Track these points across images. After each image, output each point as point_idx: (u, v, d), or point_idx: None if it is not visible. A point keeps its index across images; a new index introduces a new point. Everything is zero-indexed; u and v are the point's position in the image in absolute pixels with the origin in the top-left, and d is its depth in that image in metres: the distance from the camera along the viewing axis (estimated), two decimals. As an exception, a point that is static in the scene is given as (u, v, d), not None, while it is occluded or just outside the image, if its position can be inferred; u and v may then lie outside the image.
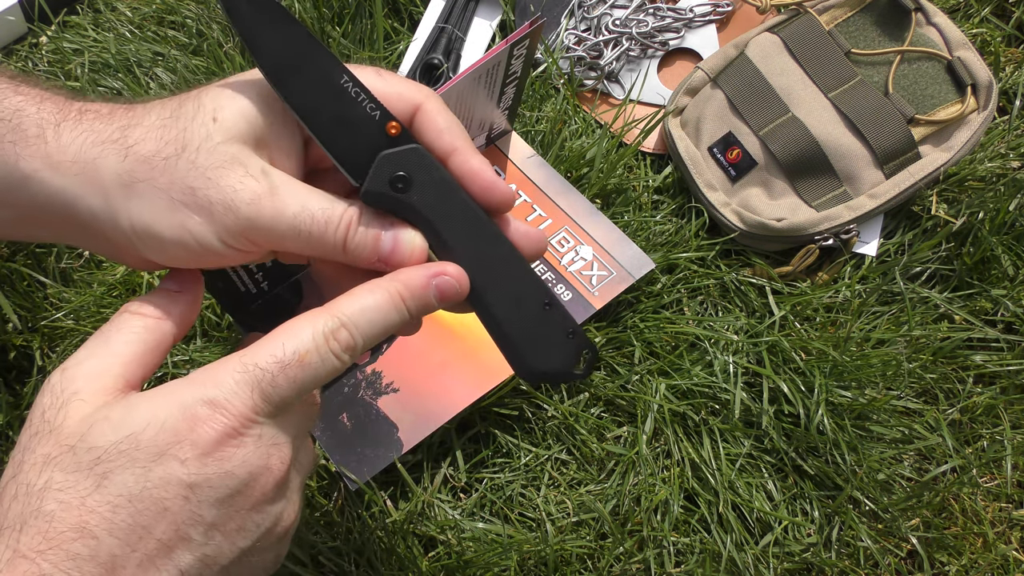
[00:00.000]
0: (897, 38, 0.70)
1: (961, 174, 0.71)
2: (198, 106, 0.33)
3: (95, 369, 0.32)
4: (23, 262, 0.62)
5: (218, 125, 0.33)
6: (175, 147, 0.32)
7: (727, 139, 0.69)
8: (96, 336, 0.33)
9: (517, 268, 0.36)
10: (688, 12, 0.75)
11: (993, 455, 0.62)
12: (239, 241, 0.33)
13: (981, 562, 0.60)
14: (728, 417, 0.62)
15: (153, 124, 0.33)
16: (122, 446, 0.29)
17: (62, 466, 0.29)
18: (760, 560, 0.58)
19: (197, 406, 0.30)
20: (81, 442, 0.30)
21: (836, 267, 0.67)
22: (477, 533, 0.57)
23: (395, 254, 0.35)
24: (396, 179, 0.34)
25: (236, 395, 0.31)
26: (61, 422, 0.30)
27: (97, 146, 0.32)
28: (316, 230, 0.33)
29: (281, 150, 0.35)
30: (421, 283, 0.34)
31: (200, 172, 0.32)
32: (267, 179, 0.33)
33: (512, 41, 0.54)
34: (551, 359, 0.37)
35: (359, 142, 0.34)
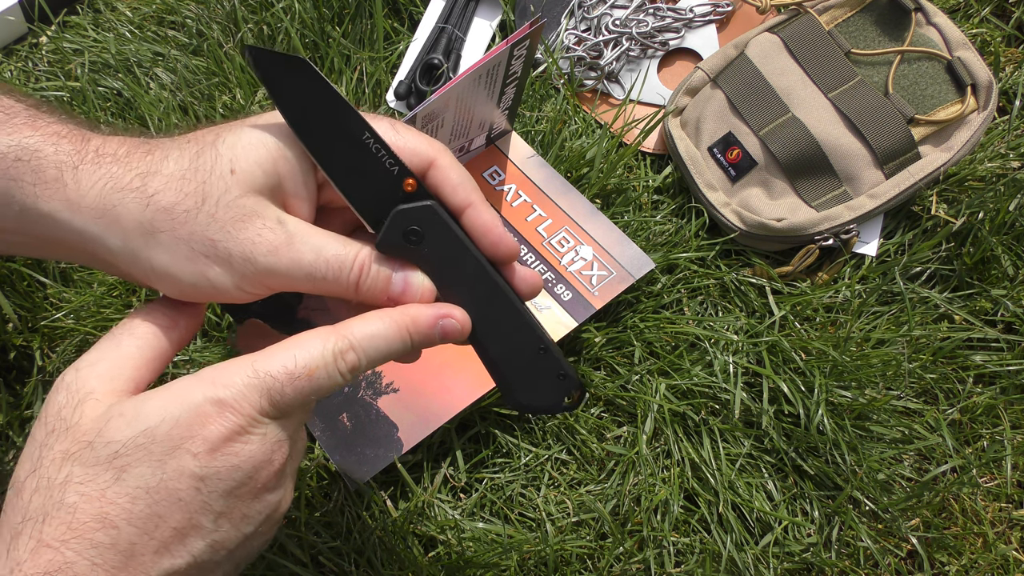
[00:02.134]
0: (897, 38, 0.70)
1: (961, 174, 0.71)
2: (216, 157, 0.34)
3: (107, 370, 0.34)
4: (23, 262, 0.62)
5: (236, 178, 0.34)
6: (195, 200, 0.34)
7: (727, 139, 0.69)
8: (107, 338, 0.35)
9: (517, 318, 0.38)
10: (688, 12, 0.75)
11: (993, 455, 0.62)
12: (255, 287, 0.35)
13: (981, 562, 0.60)
14: (728, 417, 0.62)
15: (172, 174, 0.34)
16: (139, 440, 0.31)
17: (81, 461, 0.31)
18: (760, 560, 0.58)
19: (207, 404, 0.32)
20: (99, 438, 0.31)
21: (836, 267, 0.67)
22: (477, 533, 0.57)
23: (405, 296, 0.37)
24: (410, 232, 0.37)
25: (245, 397, 0.32)
26: (77, 420, 0.32)
27: (117, 192, 0.34)
28: (331, 275, 0.35)
29: (296, 196, 0.36)
30: (428, 321, 0.37)
31: (220, 225, 0.34)
32: (283, 229, 0.35)
33: (512, 41, 0.54)
34: (541, 397, 0.40)
35: (378, 195, 0.37)
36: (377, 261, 0.37)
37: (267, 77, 0.35)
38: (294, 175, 0.36)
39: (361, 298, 0.37)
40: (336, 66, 0.72)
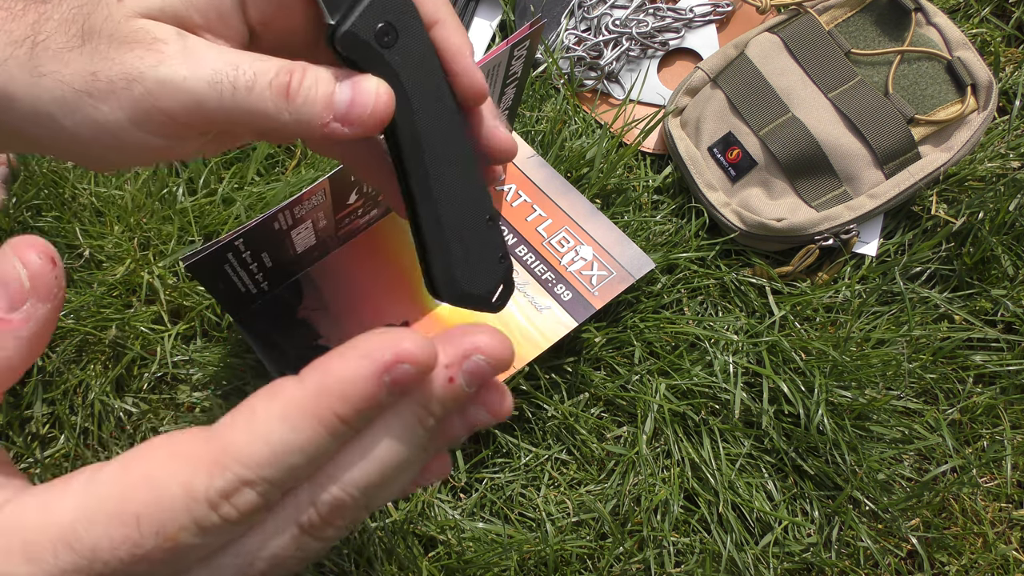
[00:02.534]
0: (897, 38, 0.70)
1: (961, 174, 0.71)
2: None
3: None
4: (23, 262, 0.62)
5: (123, 5, 0.28)
6: (78, 38, 0.28)
7: (727, 139, 0.69)
8: None
9: (472, 175, 0.32)
10: (688, 12, 0.75)
11: (993, 455, 0.62)
12: (155, 121, 0.28)
13: (981, 562, 0.60)
14: (728, 417, 0.62)
15: (63, 17, 0.29)
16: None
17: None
18: (760, 560, 0.58)
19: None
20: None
21: (836, 267, 0.67)
22: (477, 533, 0.57)
23: (355, 107, 0.29)
24: (384, 29, 0.28)
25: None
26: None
27: (9, 47, 0.28)
28: (243, 82, 0.28)
29: (208, 26, 0.29)
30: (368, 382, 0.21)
31: (101, 55, 0.28)
32: (181, 41, 0.28)
33: (512, 42, 0.54)
34: (478, 280, 0.33)
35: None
36: (311, 70, 0.29)
37: None
38: (205, 3, 0.29)
39: (294, 122, 0.29)
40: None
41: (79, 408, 0.61)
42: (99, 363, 0.62)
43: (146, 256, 0.64)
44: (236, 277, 0.54)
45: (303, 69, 0.28)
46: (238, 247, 0.51)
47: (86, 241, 0.63)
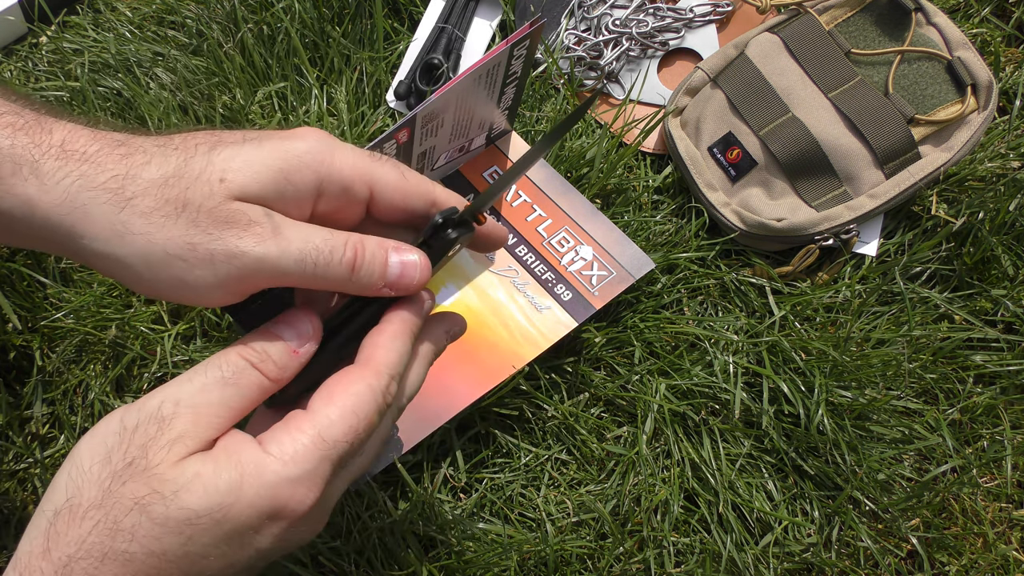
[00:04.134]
0: (897, 38, 0.70)
1: (961, 174, 0.71)
2: (207, 164, 0.33)
3: (204, 415, 0.32)
4: (23, 262, 0.62)
5: (224, 186, 0.32)
6: (175, 206, 0.32)
7: (727, 139, 0.69)
8: (212, 375, 0.33)
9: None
10: (688, 12, 0.75)
11: (993, 455, 0.62)
12: (239, 285, 0.33)
13: (981, 562, 0.60)
14: (728, 417, 0.62)
15: (154, 180, 0.32)
16: (214, 514, 0.31)
17: (152, 515, 0.30)
18: (760, 560, 0.58)
19: (283, 486, 0.32)
20: (175, 497, 0.30)
21: (836, 267, 0.67)
22: (477, 533, 0.57)
23: (403, 277, 0.36)
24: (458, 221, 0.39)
25: (318, 472, 0.32)
26: (158, 463, 0.31)
27: (87, 191, 0.32)
28: (322, 260, 0.34)
29: (289, 214, 0.35)
30: (417, 316, 0.37)
31: (201, 229, 0.32)
32: (270, 221, 0.33)
33: (512, 42, 0.54)
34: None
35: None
36: (370, 242, 0.35)
37: None
38: (290, 195, 0.34)
39: (355, 284, 0.35)
40: (336, 66, 0.72)
41: (79, 408, 0.61)
42: (99, 363, 0.62)
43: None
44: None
45: (363, 245, 0.35)
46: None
47: (86, 241, 0.63)
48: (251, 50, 0.72)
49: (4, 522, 0.58)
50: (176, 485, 0.30)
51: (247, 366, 0.33)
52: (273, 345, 0.34)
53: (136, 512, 0.30)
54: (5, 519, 0.58)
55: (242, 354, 0.33)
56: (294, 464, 0.32)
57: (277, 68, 0.72)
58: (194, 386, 0.32)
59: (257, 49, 0.72)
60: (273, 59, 0.72)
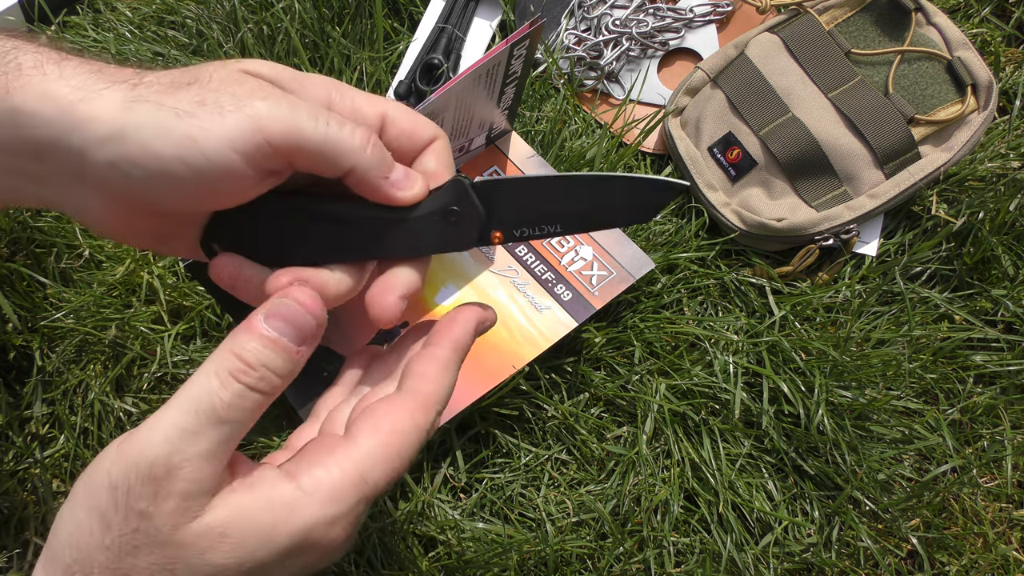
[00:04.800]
0: (897, 38, 0.70)
1: (961, 174, 0.71)
2: (223, 62, 0.32)
3: (207, 467, 0.29)
4: (23, 262, 0.62)
5: (239, 65, 0.32)
6: (188, 80, 0.31)
7: (727, 139, 0.69)
8: (204, 412, 0.29)
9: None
10: (688, 12, 0.75)
11: (993, 455, 0.62)
12: (254, 147, 0.30)
13: (981, 562, 0.60)
14: (728, 417, 0.62)
15: (169, 73, 0.32)
16: (244, 566, 0.29)
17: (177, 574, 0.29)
18: (760, 560, 0.58)
19: (319, 528, 0.30)
20: (201, 558, 0.28)
21: (836, 267, 0.67)
22: (477, 533, 0.57)
23: (408, 178, 0.35)
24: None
25: (355, 513, 0.31)
26: (171, 529, 0.28)
27: (104, 83, 0.30)
28: (335, 124, 0.32)
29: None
30: (469, 337, 0.37)
31: (212, 89, 0.30)
32: (282, 91, 0.32)
33: (512, 41, 0.54)
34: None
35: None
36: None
37: None
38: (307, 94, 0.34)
39: (366, 162, 0.33)
40: (336, 66, 0.73)
41: (79, 408, 0.61)
42: (99, 363, 0.62)
43: (146, 256, 0.64)
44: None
45: (379, 135, 0.35)
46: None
47: (86, 241, 0.63)
48: (251, 50, 0.72)
49: (4, 522, 0.58)
50: (201, 547, 0.28)
51: (245, 391, 0.30)
52: (274, 355, 0.31)
53: (164, 574, 0.28)
54: (5, 519, 0.58)
55: (238, 376, 0.30)
56: (332, 504, 0.30)
57: (277, 68, 0.72)
58: (186, 433, 0.28)
59: (257, 49, 0.72)
60: (273, 59, 0.72)
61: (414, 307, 0.61)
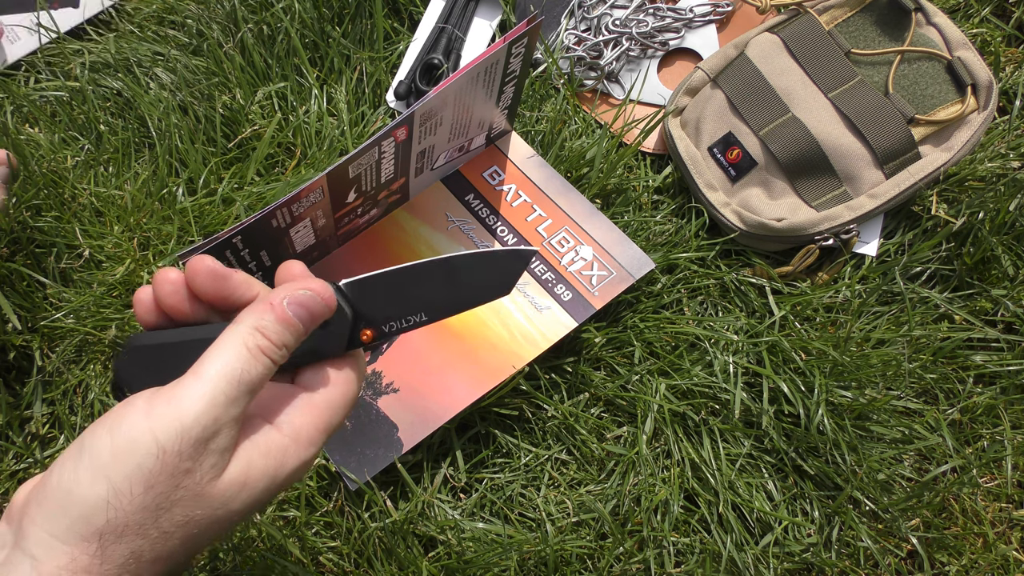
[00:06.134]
0: (897, 38, 0.70)
1: (961, 174, 0.71)
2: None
3: (237, 427, 0.33)
4: (23, 262, 0.62)
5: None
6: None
7: (727, 139, 0.69)
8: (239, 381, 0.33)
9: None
10: (688, 12, 0.75)
11: (993, 455, 0.62)
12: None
13: (981, 562, 0.60)
14: (728, 417, 0.62)
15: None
16: (250, 508, 0.34)
17: (195, 519, 0.32)
18: (760, 560, 0.58)
19: (302, 467, 0.35)
20: (223, 507, 0.33)
21: (836, 267, 0.67)
22: (477, 533, 0.57)
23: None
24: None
25: (321, 444, 0.36)
26: (205, 484, 0.32)
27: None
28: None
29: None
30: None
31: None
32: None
33: (510, 39, 0.54)
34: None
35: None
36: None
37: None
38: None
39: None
40: (336, 66, 0.72)
41: (79, 408, 0.61)
42: (99, 363, 0.62)
43: (146, 256, 0.64)
44: (236, 277, 0.54)
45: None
46: (236, 244, 0.51)
47: (86, 241, 0.63)
48: (251, 50, 0.72)
49: (4, 522, 0.58)
50: (224, 499, 0.32)
51: (270, 364, 0.34)
52: (292, 335, 0.35)
53: (189, 526, 0.32)
54: (5, 519, 0.58)
55: (266, 352, 0.33)
56: (311, 447, 0.35)
57: (277, 68, 0.72)
58: (227, 399, 0.32)
59: (257, 49, 0.72)
60: (273, 59, 0.72)
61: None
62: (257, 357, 0.33)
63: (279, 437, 0.34)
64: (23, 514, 0.31)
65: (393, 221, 0.64)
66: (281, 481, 0.34)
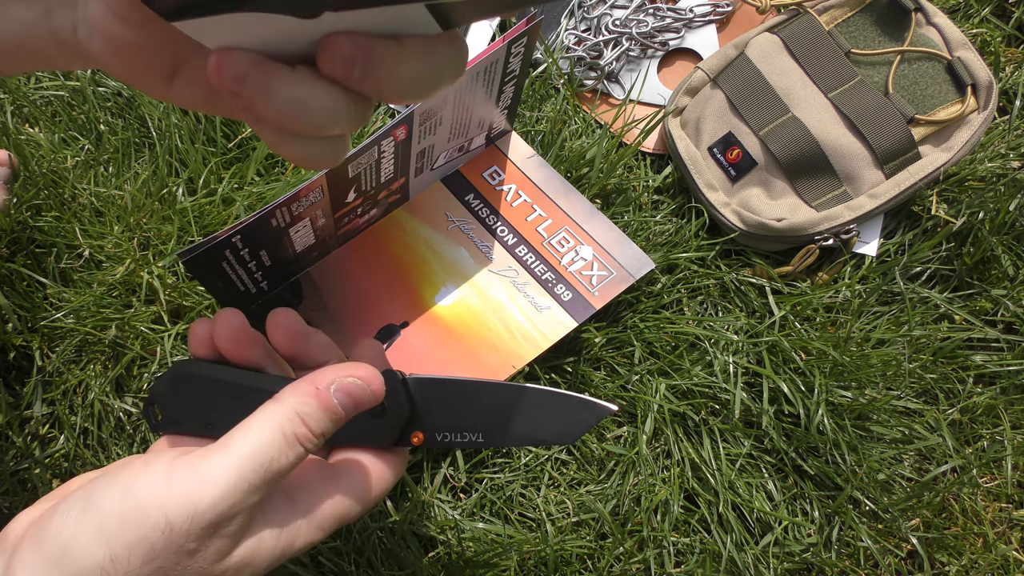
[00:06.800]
0: (897, 38, 0.70)
1: (961, 174, 0.71)
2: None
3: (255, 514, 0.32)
4: (23, 262, 0.62)
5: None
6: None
7: (727, 139, 0.69)
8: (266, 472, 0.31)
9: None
10: (688, 12, 0.75)
11: (993, 455, 0.62)
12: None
13: (981, 562, 0.60)
14: (728, 417, 0.62)
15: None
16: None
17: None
18: (760, 560, 0.58)
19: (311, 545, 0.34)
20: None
21: (836, 267, 0.67)
22: (477, 533, 0.57)
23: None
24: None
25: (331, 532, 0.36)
26: (209, 565, 0.31)
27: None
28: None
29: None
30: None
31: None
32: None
33: (510, 39, 0.54)
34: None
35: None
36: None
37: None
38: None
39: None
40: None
41: (79, 408, 0.61)
42: (99, 363, 0.62)
43: (146, 256, 0.64)
44: (235, 275, 0.54)
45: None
46: (236, 244, 0.51)
47: (86, 241, 0.63)
48: (251, 50, 0.72)
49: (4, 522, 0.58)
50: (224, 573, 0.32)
51: (303, 453, 0.32)
52: (332, 424, 0.33)
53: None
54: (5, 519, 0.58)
55: (302, 441, 0.32)
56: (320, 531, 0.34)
57: (277, 68, 0.72)
58: (250, 488, 0.30)
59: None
60: (273, 59, 0.72)
61: (413, 305, 0.61)
62: (292, 446, 0.31)
63: (294, 516, 0.33)
64: (15, 551, 0.30)
65: (393, 221, 0.64)
66: (284, 559, 0.33)
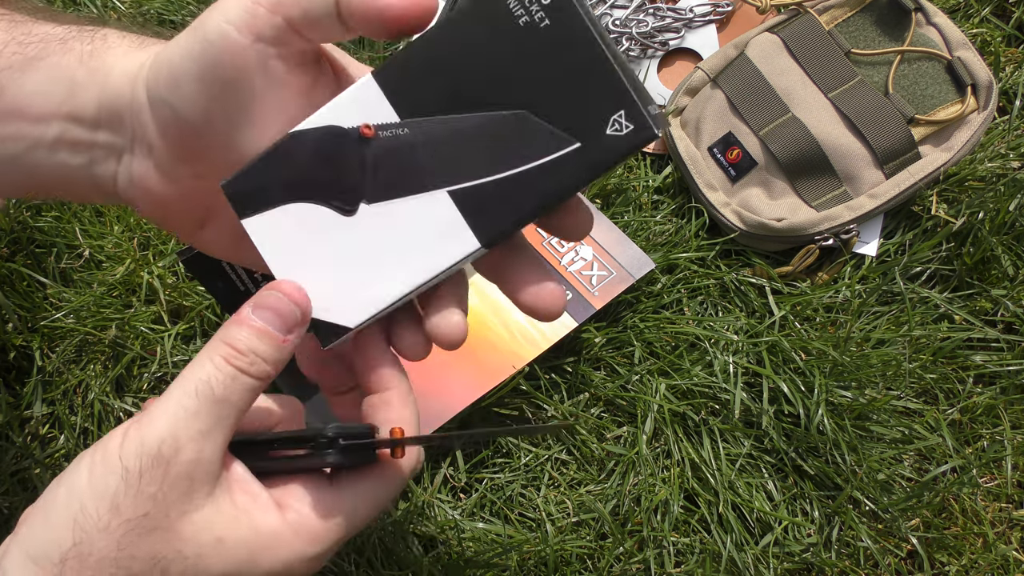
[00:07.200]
0: (897, 38, 0.70)
1: (961, 174, 0.71)
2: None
3: (209, 447, 0.30)
4: (23, 262, 0.62)
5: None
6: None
7: (727, 139, 0.69)
8: (203, 394, 0.30)
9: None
10: (688, 12, 0.75)
11: (993, 455, 0.62)
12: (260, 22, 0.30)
13: (981, 562, 0.60)
14: (728, 417, 0.62)
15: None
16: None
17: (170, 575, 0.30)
18: (760, 560, 0.58)
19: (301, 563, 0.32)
20: (196, 560, 0.30)
21: (836, 267, 0.67)
22: (477, 533, 0.57)
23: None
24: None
25: (332, 549, 0.33)
26: (175, 518, 0.30)
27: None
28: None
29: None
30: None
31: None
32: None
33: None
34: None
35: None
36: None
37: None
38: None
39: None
40: (336, 66, 0.72)
41: (79, 408, 0.61)
42: (99, 363, 0.62)
43: (146, 256, 0.64)
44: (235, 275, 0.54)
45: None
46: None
47: (86, 241, 0.63)
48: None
49: (4, 522, 0.58)
50: (197, 547, 0.30)
51: (237, 374, 0.31)
52: (261, 342, 0.32)
53: (156, 571, 0.29)
54: (5, 519, 0.58)
55: (230, 360, 0.31)
56: (314, 544, 0.32)
57: (277, 68, 0.72)
58: (188, 413, 0.30)
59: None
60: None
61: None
62: (220, 367, 0.31)
63: (276, 518, 0.32)
64: (15, 532, 0.31)
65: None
66: (268, 570, 0.31)
